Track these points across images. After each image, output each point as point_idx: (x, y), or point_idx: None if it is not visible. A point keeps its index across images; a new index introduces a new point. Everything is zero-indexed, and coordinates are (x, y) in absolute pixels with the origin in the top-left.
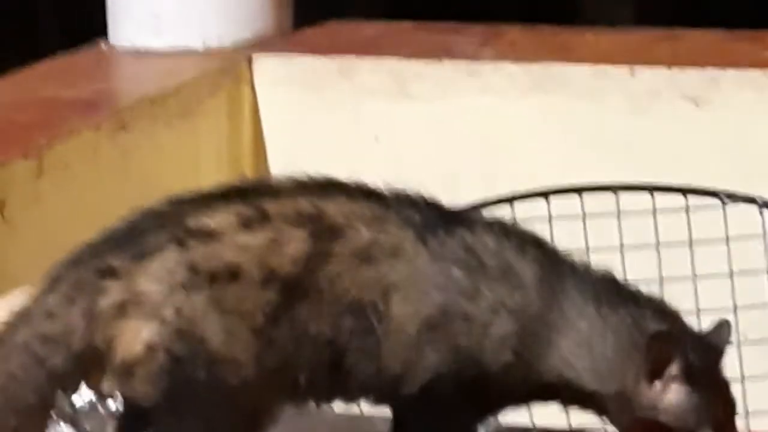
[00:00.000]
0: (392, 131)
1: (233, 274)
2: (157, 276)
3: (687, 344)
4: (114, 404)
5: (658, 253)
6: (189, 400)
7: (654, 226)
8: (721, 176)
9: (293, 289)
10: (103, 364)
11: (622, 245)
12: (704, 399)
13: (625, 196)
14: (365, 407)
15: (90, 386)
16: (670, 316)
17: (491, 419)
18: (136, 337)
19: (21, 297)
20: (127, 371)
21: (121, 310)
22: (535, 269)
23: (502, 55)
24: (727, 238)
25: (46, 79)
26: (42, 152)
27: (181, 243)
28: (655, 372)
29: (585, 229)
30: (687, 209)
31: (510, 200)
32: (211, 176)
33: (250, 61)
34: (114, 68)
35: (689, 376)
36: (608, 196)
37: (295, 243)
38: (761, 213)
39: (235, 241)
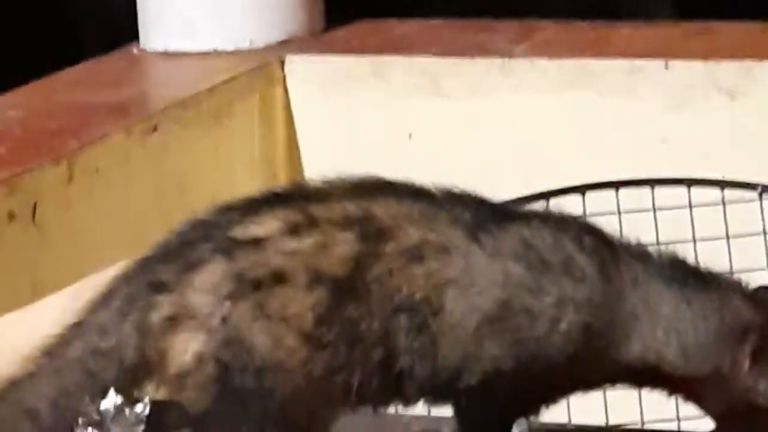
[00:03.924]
0: (425, 129)
1: (279, 278)
2: (204, 288)
3: None
4: (141, 409)
5: (695, 247)
6: (239, 408)
7: (690, 220)
8: (758, 169)
9: (342, 290)
10: (155, 376)
11: (658, 240)
12: None
13: (661, 191)
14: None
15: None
16: (755, 297)
17: (523, 418)
18: (186, 348)
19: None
20: (178, 382)
21: (172, 323)
22: (597, 260)
23: (535, 52)
24: (765, 231)
25: (77, 83)
26: (73, 157)
27: (227, 253)
28: (758, 354)
29: (621, 224)
30: (724, 202)
31: (545, 196)
32: (245, 178)
33: (282, 63)
34: (145, 72)
35: None
36: (644, 191)
37: (343, 245)
38: None
39: (281, 248)
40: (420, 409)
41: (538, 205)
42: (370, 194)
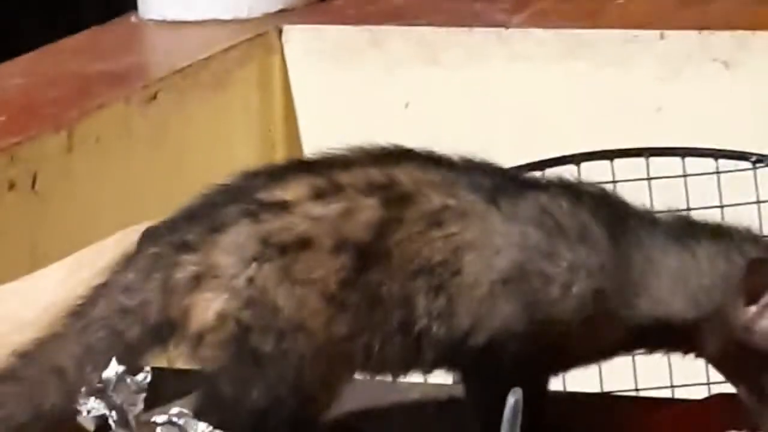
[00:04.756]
0: (423, 99)
1: (305, 243)
2: (229, 249)
3: None
4: (143, 377)
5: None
6: (255, 370)
7: (685, 190)
8: (753, 139)
9: (365, 255)
10: (177, 334)
11: (653, 209)
12: None
13: (655, 161)
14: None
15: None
16: (763, 242)
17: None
18: (208, 307)
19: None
20: (198, 340)
21: (196, 282)
22: (610, 228)
23: (532, 22)
24: (759, 201)
25: (76, 52)
26: (73, 126)
27: (253, 216)
28: (752, 295)
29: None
30: (718, 172)
31: (541, 166)
32: (242, 146)
33: (279, 32)
34: (144, 41)
35: None
36: (639, 161)
37: (367, 211)
38: None
39: (307, 212)
40: (418, 377)
41: (534, 175)
42: (394, 161)
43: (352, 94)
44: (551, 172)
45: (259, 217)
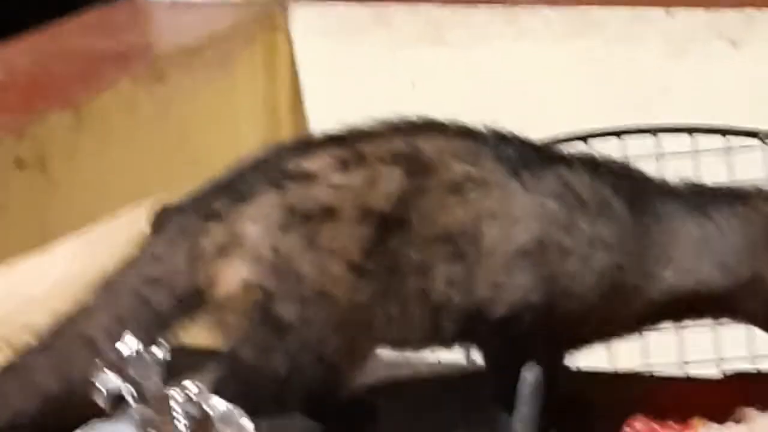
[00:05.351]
0: (429, 77)
1: (329, 212)
2: (255, 218)
3: None
4: (160, 351)
5: None
6: (277, 338)
7: (694, 168)
8: (761, 116)
9: (387, 223)
10: (204, 303)
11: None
12: None
13: (664, 138)
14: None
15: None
16: None
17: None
18: (233, 275)
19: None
20: (222, 308)
21: (222, 250)
22: (629, 200)
23: (538, 0)
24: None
25: (82, 31)
26: (80, 105)
27: (278, 186)
28: None
29: None
30: (727, 150)
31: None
32: (249, 125)
33: (285, 10)
34: (150, 20)
35: None
36: (648, 139)
37: (391, 181)
38: None
39: (331, 182)
40: (433, 355)
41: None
42: (418, 131)
43: (357, 72)
44: None
45: (284, 187)
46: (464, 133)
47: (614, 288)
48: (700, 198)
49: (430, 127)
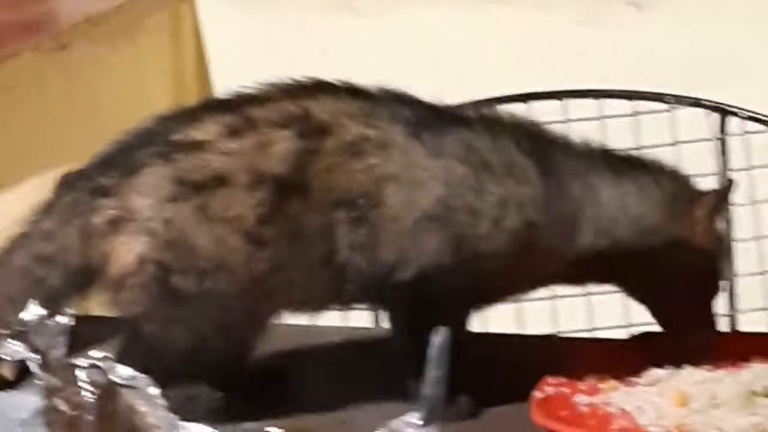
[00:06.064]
0: (339, 45)
1: (220, 180)
2: (144, 191)
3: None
4: (64, 319)
5: None
6: (178, 310)
7: (602, 132)
8: (668, 81)
9: (283, 187)
10: (98, 280)
11: None
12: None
13: (573, 104)
14: None
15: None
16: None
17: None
18: (128, 251)
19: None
20: (119, 284)
21: (114, 226)
22: (537, 160)
23: None
24: (675, 143)
25: None
26: None
27: (166, 157)
28: (708, 215)
29: None
30: (635, 114)
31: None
32: (155, 94)
33: None
34: None
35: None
36: (557, 104)
37: (282, 143)
38: (721, 118)
39: (220, 149)
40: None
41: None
42: (309, 93)
43: (265, 40)
44: None
45: (172, 157)
46: (356, 93)
47: (529, 247)
48: (615, 160)
49: (320, 89)
